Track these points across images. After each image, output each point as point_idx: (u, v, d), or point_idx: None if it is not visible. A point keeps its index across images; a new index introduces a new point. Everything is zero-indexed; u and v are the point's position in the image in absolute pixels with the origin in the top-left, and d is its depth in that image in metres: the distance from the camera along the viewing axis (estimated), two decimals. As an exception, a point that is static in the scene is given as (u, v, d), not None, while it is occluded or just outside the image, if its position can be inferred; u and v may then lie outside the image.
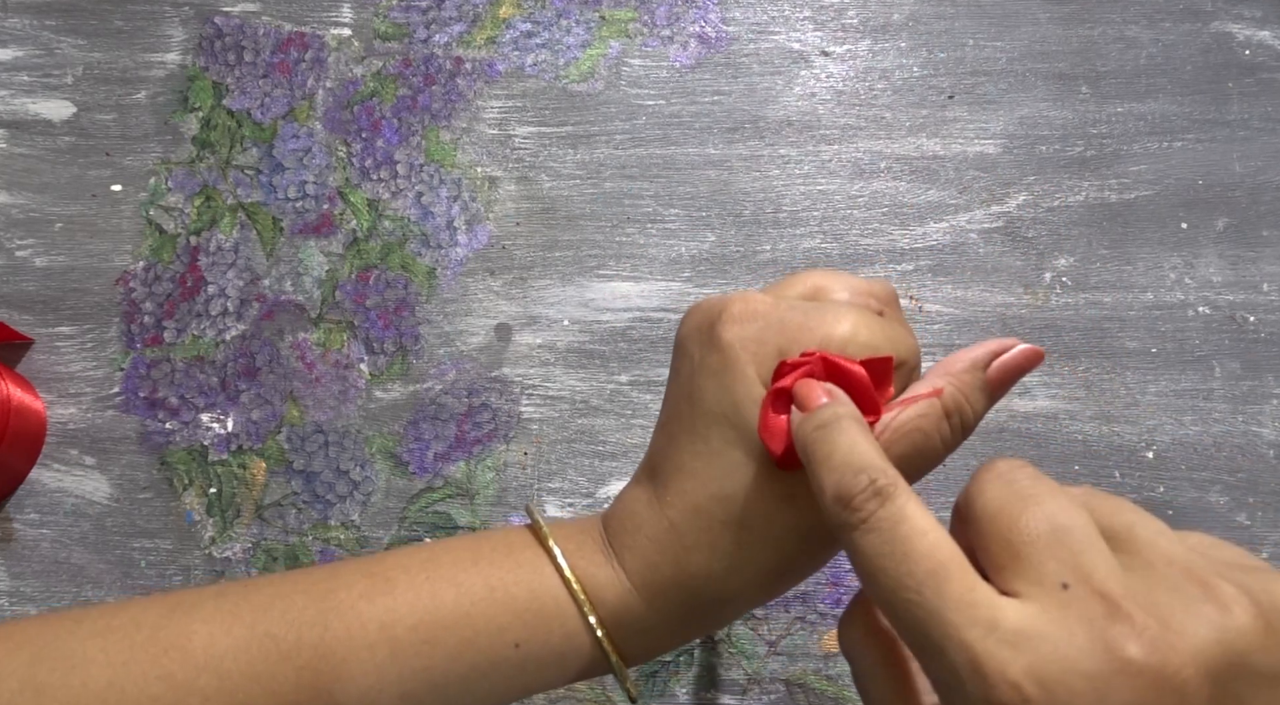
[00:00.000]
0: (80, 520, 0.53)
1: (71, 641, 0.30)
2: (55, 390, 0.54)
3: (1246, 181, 0.56)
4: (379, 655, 0.30)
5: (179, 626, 0.30)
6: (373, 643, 0.31)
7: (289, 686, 0.30)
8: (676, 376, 0.33)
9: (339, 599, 0.31)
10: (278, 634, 0.30)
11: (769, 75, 0.58)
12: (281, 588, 0.32)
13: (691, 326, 0.33)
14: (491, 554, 0.33)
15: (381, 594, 0.31)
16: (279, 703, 0.30)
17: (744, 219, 0.56)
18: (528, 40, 0.59)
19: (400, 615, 0.31)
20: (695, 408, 0.31)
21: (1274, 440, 0.52)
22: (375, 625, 0.31)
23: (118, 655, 0.30)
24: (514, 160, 0.57)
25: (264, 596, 0.31)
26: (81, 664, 0.29)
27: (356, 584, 0.32)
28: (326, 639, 0.30)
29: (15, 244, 0.56)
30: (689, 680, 0.50)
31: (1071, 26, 0.58)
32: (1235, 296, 0.54)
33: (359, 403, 0.54)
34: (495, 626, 0.31)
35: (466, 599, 0.31)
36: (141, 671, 0.29)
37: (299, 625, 0.31)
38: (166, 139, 0.58)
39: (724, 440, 0.31)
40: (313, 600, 0.31)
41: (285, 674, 0.30)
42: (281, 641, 0.30)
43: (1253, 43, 0.57)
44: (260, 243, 0.56)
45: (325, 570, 0.33)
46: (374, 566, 0.33)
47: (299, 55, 0.58)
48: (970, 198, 0.56)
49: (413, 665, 0.30)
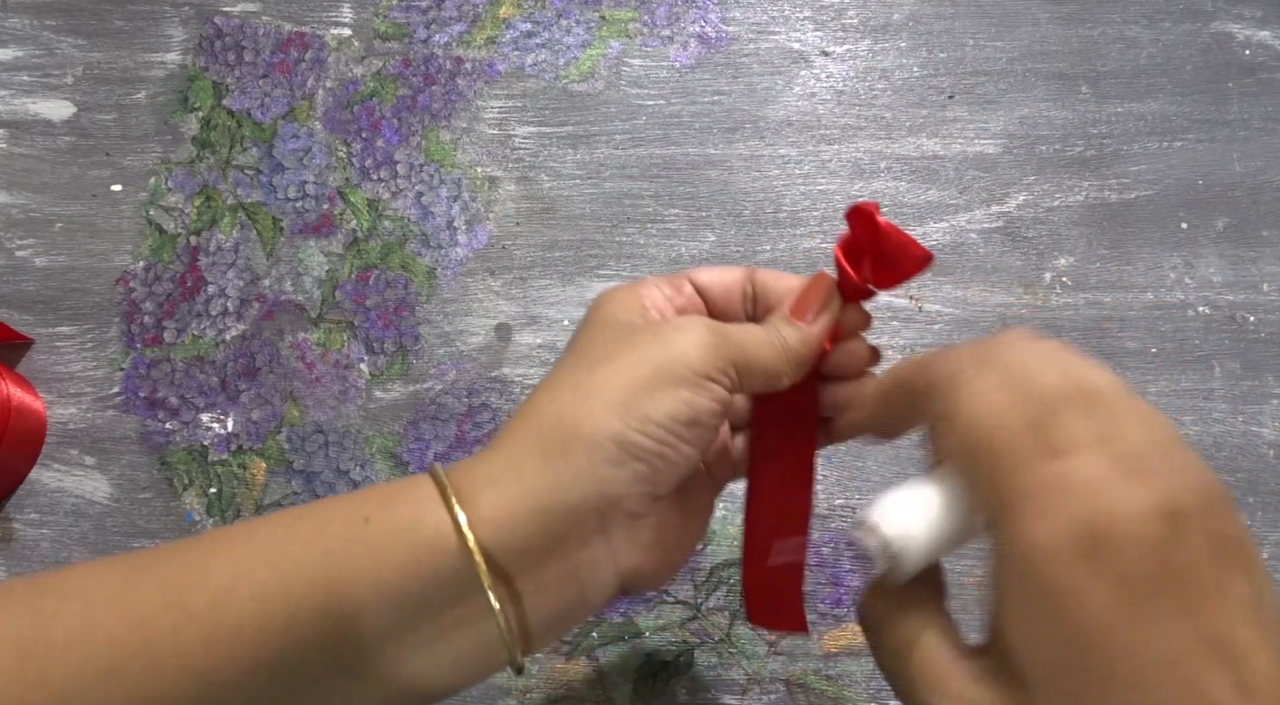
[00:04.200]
0: (80, 520, 0.53)
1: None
2: (55, 390, 0.54)
3: (1246, 181, 0.56)
4: (237, 550, 0.30)
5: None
6: (233, 537, 0.30)
7: (152, 600, 0.29)
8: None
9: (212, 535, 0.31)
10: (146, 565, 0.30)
11: (769, 75, 0.58)
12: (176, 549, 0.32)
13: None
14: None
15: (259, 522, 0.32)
16: (141, 612, 0.29)
17: (744, 219, 0.56)
18: (528, 40, 0.59)
19: (262, 521, 0.31)
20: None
21: (1274, 440, 0.52)
22: (241, 530, 0.31)
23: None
24: (514, 160, 0.57)
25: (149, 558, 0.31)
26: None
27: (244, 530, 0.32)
28: (194, 551, 0.30)
29: (15, 244, 0.56)
30: (689, 680, 0.50)
31: (1071, 26, 0.58)
32: (1235, 296, 0.54)
33: (359, 403, 0.54)
34: (346, 510, 0.31)
35: (328, 500, 0.32)
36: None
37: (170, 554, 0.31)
38: (166, 139, 0.58)
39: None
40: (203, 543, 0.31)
41: (150, 591, 0.30)
42: (146, 561, 0.30)
43: (1253, 43, 0.57)
44: (260, 243, 0.56)
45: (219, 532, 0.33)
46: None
47: (299, 55, 0.58)
48: (970, 198, 0.56)
49: (267, 555, 0.30)
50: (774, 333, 0.33)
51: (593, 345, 0.33)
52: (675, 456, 0.31)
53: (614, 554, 0.31)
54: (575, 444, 0.30)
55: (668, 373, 0.31)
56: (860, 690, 0.50)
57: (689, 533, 0.34)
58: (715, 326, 0.32)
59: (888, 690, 0.50)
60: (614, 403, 0.30)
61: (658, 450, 0.30)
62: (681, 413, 0.30)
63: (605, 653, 0.50)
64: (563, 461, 0.30)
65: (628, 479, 0.30)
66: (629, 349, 0.32)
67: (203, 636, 0.29)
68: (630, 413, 0.30)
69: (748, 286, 0.36)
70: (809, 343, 0.34)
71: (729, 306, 0.36)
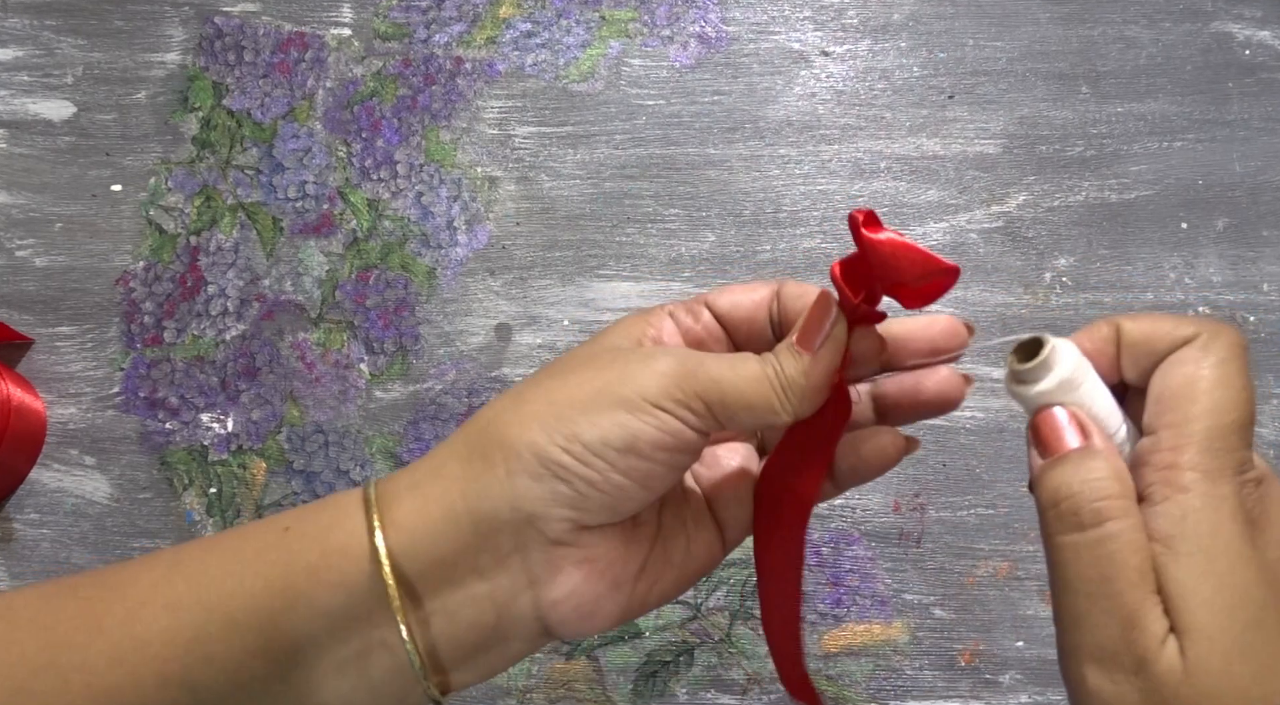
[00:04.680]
0: (80, 520, 0.53)
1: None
2: (55, 390, 0.54)
3: (1246, 181, 0.56)
4: (159, 568, 0.30)
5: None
6: (161, 557, 0.30)
7: (68, 618, 0.29)
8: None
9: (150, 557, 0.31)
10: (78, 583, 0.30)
11: (769, 75, 0.58)
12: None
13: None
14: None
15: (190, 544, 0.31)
16: (65, 631, 0.29)
17: (744, 219, 0.56)
18: (528, 40, 0.59)
19: (196, 541, 0.31)
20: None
21: (1274, 440, 0.52)
22: (172, 551, 0.30)
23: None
24: (514, 160, 0.57)
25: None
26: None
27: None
28: (116, 571, 0.30)
29: (15, 244, 0.56)
30: (689, 680, 0.50)
31: (1071, 26, 0.58)
32: (1235, 296, 0.54)
33: (359, 403, 0.54)
34: (271, 523, 0.30)
35: (261, 520, 0.31)
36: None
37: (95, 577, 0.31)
38: (166, 139, 0.58)
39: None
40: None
41: (69, 610, 0.30)
42: (79, 584, 0.30)
43: (1253, 43, 0.57)
44: (260, 243, 0.56)
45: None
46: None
47: (299, 55, 0.58)
48: (970, 198, 0.56)
49: (188, 570, 0.29)
50: (768, 364, 0.29)
51: (561, 363, 0.31)
52: (603, 484, 0.28)
53: (533, 582, 0.29)
54: (495, 451, 0.29)
55: (610, 394, 0.28)
56: (860, 690, 0.50)
57: (645, 579, 0.31)
58: (689, 357, 0.29)
59: (888, 690, 0.50)
60: (544, 415, 0.28)
61: (581, 473, 0.28)
62: (615, 438, 0.28)
63: (605, 652, 0.50)
64: (481, 465, 0.29)
65: (545, 496, 0.28)
66: (584, 365, 0.30)
67: (110, 652, 0.28)
68: (557, 428, 0.28)
69: (774, 305, 0.32)
70: (811, 375, 0.29)
71: (753, 331, 0.32)
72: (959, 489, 0.52)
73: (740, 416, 0.29)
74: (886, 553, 0.52)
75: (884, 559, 0.52)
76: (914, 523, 0.52)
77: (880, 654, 0.50)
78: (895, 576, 0.51)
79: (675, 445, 0.29)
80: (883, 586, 0.51)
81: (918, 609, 0.51)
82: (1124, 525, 0.26)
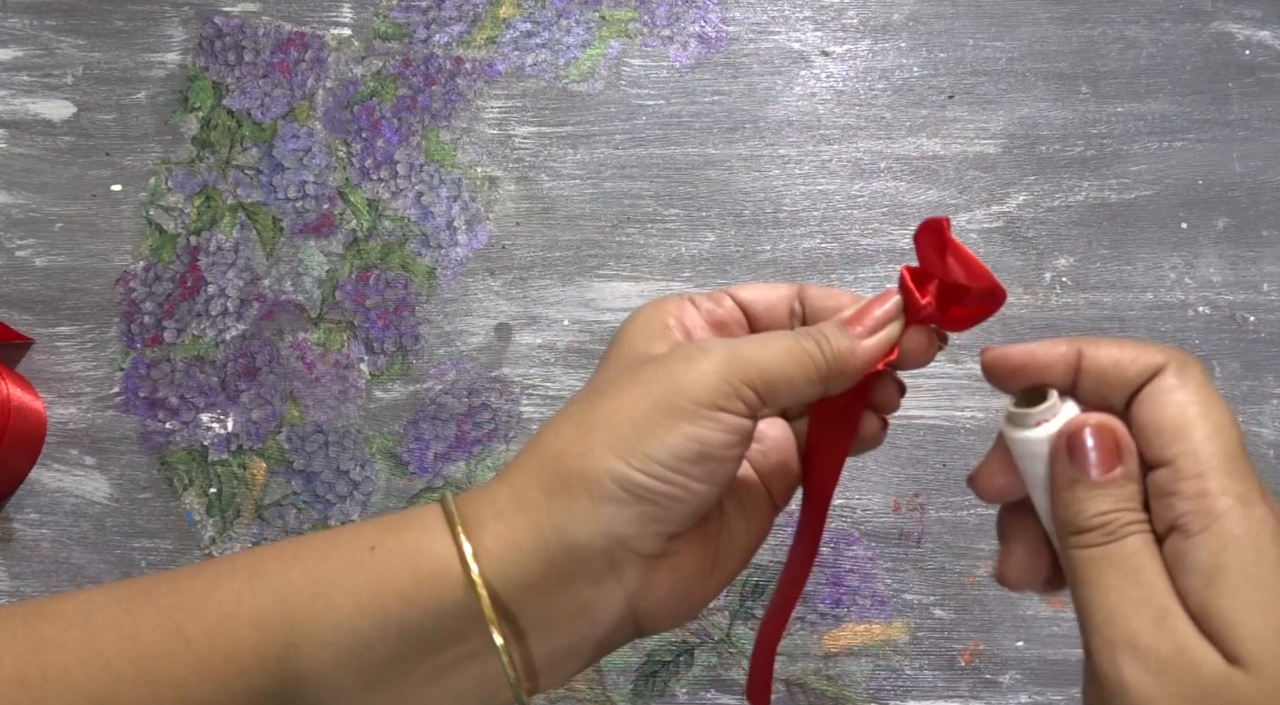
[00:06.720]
0: (80, 520, 0.53)
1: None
2: (55, 390, 0.54)
3: (1246, 181, 0.56)
4: (239, 577, 0.30)
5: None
6: (236, 564, 0.30)
7: (150, 628, 0.29)
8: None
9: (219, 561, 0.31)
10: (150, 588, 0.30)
11: (769, 75, 0.58)
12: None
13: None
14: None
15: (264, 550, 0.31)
16: (138, 629, 0.29)
17: (744, 219, 0.56)
18: (528, 40, 0.59)
19: (268, 548, 0.31)
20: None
21: (1274, 440, 0.52)
22: (245, 557, 0.30)
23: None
24: (514, 160, 0.57)
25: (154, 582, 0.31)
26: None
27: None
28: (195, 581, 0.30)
29: (15, 244, 0.56)
30: (689, 680, 0.50)
31: (1071, 26, 0.58)
32: (1235, 296, 0.54)
33: (359, 403, 0.54)
34: (352, 538, 0.30)
35: (338, 528, 0.31)
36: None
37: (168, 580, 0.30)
38: (166, 139, 0.58)
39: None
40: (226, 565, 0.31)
41: (149, 617, 0.29)
42: (150, 585, 0.30)
43: (1253, 43, 0.57)
44: (260, 243, 0.56)
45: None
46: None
47: (299, 55, 0.58)
48: (970, 198, 0.56)
49: (269, 582, 0.29)
50: (805, 340, 0.30)
51: (602, 376, 0.31)
52: (685, 495, 0.29)
53: (627, 594, 0.30)
54: (576, 482, 0.29)
55: (669, 407, 0.29)
56: (860, 690, 0.50)
57: (719, 565, 0.32)
58: (723, 347, 0.30)
59: (888, 690, 0.50)
60: (613, 440, 0.29)
61: (665, 490, 0.29)
62: (687, 450, 0.28)
63: (605, 653, 0.50)
64: (565, 498, 0.29)
65: (633, 518, 0.29)
66: (632, 381, 0.30)
67: (199, 666, 0.28)
68: (631, 452, 0.28)
69: (796, 304, 0.33)
70: (860, 353, 0.30)
71: (773, 322, 0.34)
72: (959, 489, 0.52)
73: (781, 392, 0.30)
74: (886, 553, 0.52)
75: (884, 559, 0.52)
76: (914, 523, 0.52)
77: (880, 654, 0.50)
78: (895, 576, 0.51)
79: (740, 439, 0.30)
80: (883, 586, 0.51)
81: (918, 609, 0.51)
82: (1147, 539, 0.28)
